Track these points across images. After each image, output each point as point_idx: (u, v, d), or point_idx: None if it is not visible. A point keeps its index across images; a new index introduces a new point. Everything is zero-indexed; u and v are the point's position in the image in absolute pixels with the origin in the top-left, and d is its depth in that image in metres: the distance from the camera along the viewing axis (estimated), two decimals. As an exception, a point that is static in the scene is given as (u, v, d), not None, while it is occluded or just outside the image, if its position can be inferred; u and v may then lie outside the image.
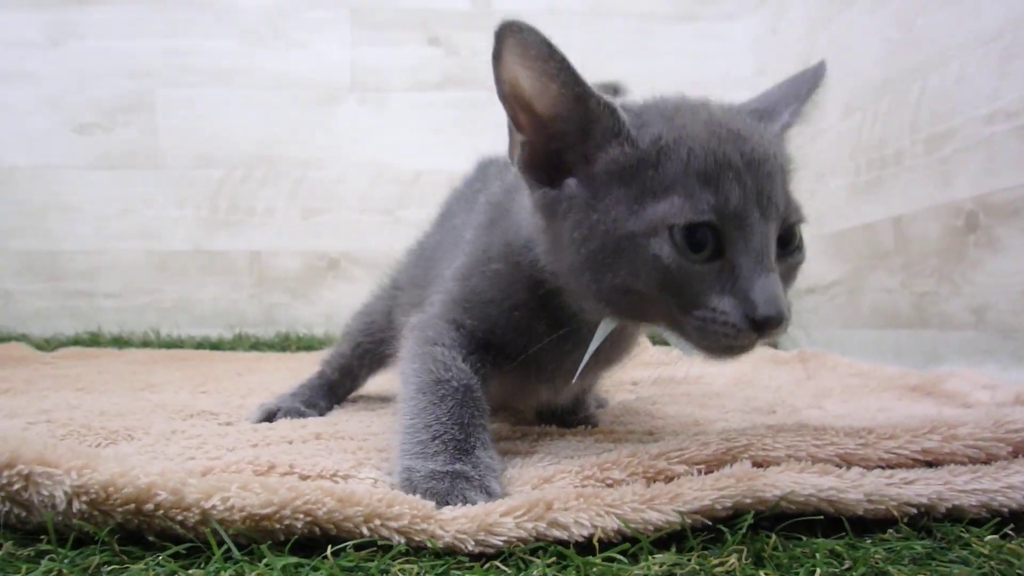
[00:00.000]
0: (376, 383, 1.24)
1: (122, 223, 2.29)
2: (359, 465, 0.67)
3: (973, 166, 1.40)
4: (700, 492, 0.57)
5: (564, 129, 0.66)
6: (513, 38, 0.61)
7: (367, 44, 2.36)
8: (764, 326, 0.61)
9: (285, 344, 2.18)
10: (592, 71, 2.46)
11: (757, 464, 0.63)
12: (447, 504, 0.58)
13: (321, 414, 1.10)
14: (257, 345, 2.18)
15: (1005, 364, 1.33)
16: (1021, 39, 1.27)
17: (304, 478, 0.64)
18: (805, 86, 0.76)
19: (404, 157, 2.38)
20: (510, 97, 0.64)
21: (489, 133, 2.65)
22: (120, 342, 2.15)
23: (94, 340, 2.16)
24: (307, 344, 2.17)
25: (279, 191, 2.34)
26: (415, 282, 1.04)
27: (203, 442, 0.81)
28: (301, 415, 1.04)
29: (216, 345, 2.16)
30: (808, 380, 1.29)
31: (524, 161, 0.67)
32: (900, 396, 1.07)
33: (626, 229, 0.62)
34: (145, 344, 2.14)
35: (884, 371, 1.27)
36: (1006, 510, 0.59)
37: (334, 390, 1.18)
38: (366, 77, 2.38)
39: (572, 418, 0.96)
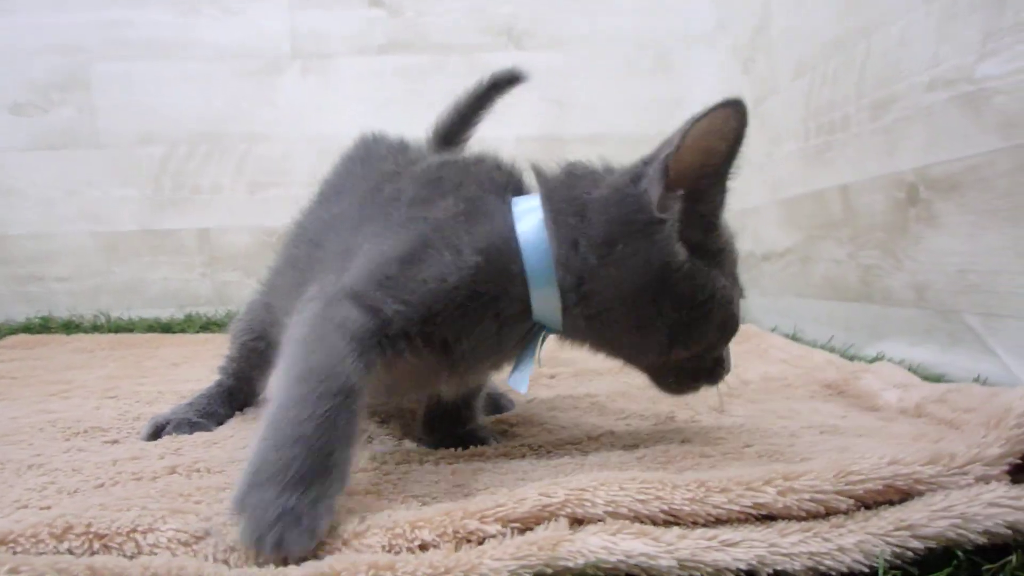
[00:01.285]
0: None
1: (67, 206, 2.24)
2: (172, 515, 0.63)
3: (914, 136, 1.31)
4: (499, 563, 0.53)
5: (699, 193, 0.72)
6: (735, 110, 0.67)
7: (305, 8, 2.26)
8: None
9: (237, 324, 2.15)
10: (545, 29, 2.35)
11: (577, 521, 0.58)
12: (259, 538, 0.56)
13: (221, 422, 1.08)
14: (207, 325, 2.15)
15: (944, 345, 1.28)
16: (962, -1, 1.17)
17: (100, 537, 0.60)
18: None
19: (351, 127, 2.26)
20: (692, 156, 0.69)
21: (437, 98, 2.55)
22: (71, 327, 2.13)
23: (45, 325, 2.14)
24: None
25: (224, 167, 2.28)
26: (294, 264, 0.98)
27: (51, 481, 0.79)
28: (191, 427, 1.02)
29: (167, 327, 2.14)
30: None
31: (682, 220, 0.72)
32: (813, 395, 1.02)
33: (730, 293, 0.76)
34: (95, 328, 2.12)
35: (812, 358, 1.22)
36: (834, 573, 0.54)
37: (233, 396, 1.15)
38: (307, 44, 2.29)
39: (460, 429, 0.92)
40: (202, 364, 1.61)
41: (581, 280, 0.72)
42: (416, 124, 2.59)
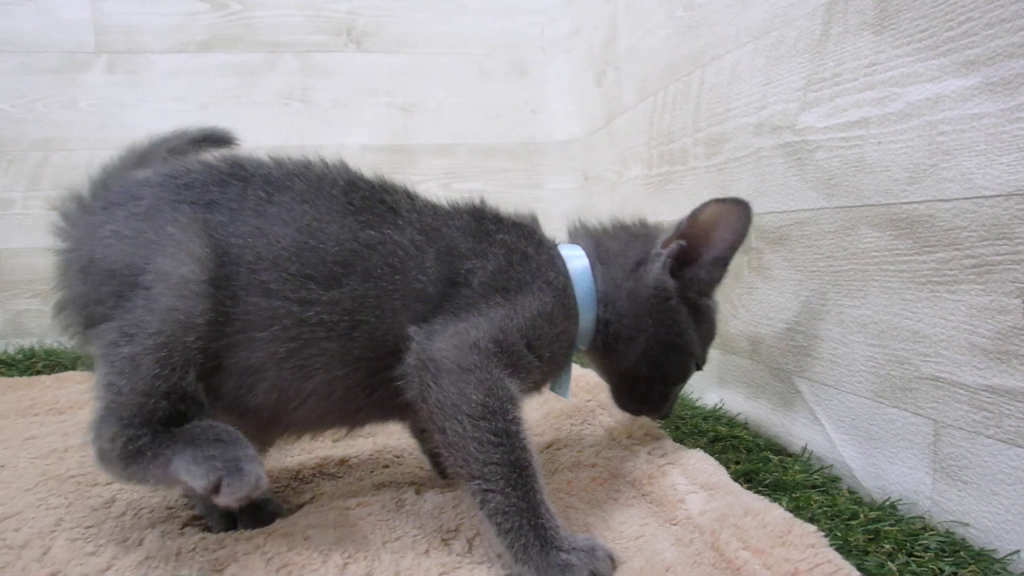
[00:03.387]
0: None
1: None
2: None
3: (745, 179, 1.22)
4: None
5: (702, 261, 0.93)
6: (746, 210, 0.90)
7: (112, -4, 1.99)
8: None
9: (30, 363, 1.87)
10: (389, 29, 2.12)
11: None
12: None
13: None
14: (-5, 364, 1.86)
15: (776, 405, 1.19)
16: (788, 39, 1.07)
17: None
18: None
19: (166, 131, 2.03)
20: (702, 224, 0.91)
21: (267, 99, 2.31)
22: None
23: None
24: (57, 359, 1.87)
25: (15, 179, 1.98)
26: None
27: None
28: None
29: (-58, 370, 1.83)
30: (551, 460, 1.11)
31: (674, 256, 0.92)
32: (616, 496, 0.90)
33: (692, 347, 0.95)
34: None
35: (633, 428, 1.09)
36: None
37: None
38: (115, 38, 2.01)
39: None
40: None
41: (609, 305, 0.92)
42: (242, 127, 2.33)
